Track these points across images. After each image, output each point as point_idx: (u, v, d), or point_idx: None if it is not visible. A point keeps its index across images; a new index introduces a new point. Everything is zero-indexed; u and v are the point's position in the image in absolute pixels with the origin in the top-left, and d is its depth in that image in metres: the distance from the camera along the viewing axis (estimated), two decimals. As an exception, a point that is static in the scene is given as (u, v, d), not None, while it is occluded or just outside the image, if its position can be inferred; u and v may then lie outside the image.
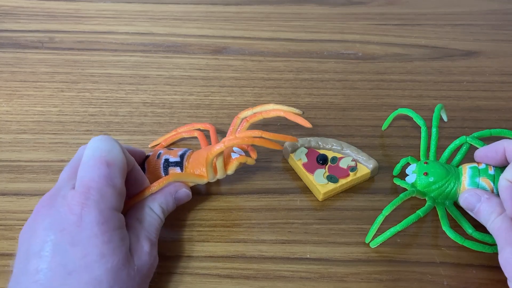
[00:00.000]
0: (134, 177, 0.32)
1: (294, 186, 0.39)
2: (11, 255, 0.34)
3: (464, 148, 0.38)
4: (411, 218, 0.33)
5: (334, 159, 0.39)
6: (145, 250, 0.30)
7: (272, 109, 0.37)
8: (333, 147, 0.40)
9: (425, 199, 0.36)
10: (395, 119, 0.44)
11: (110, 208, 0.28)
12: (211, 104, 0.46)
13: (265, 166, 0.40)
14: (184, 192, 0.35)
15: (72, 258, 0.26)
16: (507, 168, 0.32)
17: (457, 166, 0.37)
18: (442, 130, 0.42)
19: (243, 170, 0.40)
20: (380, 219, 0.34)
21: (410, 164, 0.38)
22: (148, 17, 0.58)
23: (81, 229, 0.27)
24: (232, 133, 0.39)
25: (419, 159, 0.39)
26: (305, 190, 0.39)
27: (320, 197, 0.37)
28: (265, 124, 0.44)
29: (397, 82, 0.50)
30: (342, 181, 0.38)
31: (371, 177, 0.39)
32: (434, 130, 0.39)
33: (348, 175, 0.38)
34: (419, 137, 0.40)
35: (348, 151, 0.40)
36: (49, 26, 0.55)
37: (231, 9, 0.60)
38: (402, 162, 0.38)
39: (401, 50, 0.54)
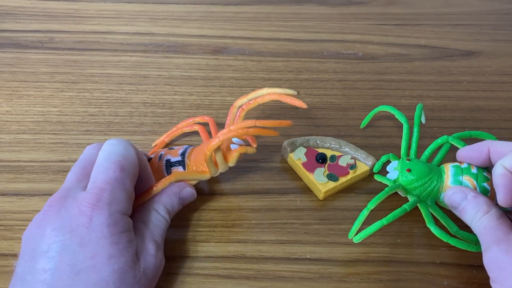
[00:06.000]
0: (143, 177, 0.32)
1: (294, 186, 0.39)
2: (11, 255, 0.33)
3: (444, 148, 0.38)
4: (397, 212, 0.33)
5: (333, 158, 0.39)
6: (151, 252, 0.30)
7: (267, 94, 0.36)
8: (332, 145, 0.40)
9: (406, 197, 0.36)
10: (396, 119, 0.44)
11: (119, 211, 0.28)
12: (211, 104, 0.46)
13: (265, 166, 0.40)
14: (189, 191, 0.35)
15: (80, 259, 0.26)
16: (506, 156, 0.30)
17: (438, 165, 0.37)
18: (432, 129, 0.42)
19: (243, 170, 0.40)
20: (365, 213, 0.33)
21: (391, 162, 0.37)
22: (148, 17, 0.58)
23: (91, 230, 0.27)
24: (229, 123, 0.38)
25: (399, 157, 0.38)
26: (305, 190, 0.39)
27: (321, 196, 0.37)
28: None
29: (397, 82, 0.50)
30: (342, 179, 0.38)
31: (371, 174, 0.39)
32: (415, 129, 0.39)
33: (348, 173, 0.38)
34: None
35: (346, 149, 0.40)
36: (49, 26, 0.55)
37: (231, 9, 0.60)
38: (383, 158, 0.37)
39: (401, 50, 0.54)
